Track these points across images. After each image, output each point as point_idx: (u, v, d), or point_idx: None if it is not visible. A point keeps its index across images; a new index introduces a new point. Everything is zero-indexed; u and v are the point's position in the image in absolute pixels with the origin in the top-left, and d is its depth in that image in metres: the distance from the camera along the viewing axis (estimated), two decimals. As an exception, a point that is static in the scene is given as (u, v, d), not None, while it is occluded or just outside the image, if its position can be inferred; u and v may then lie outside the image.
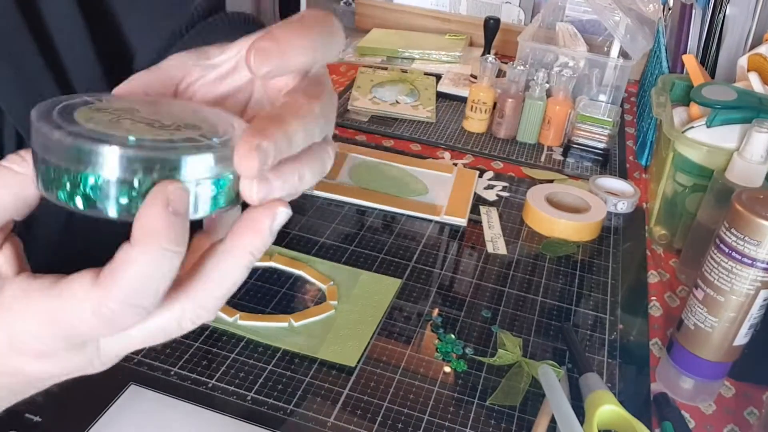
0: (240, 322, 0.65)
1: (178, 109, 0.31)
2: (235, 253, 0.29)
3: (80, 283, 0.28)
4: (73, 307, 0.28)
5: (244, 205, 0.29)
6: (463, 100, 1.24)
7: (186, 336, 0.63)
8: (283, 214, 0.29)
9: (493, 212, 0.91)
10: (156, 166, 0.26)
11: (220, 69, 0.35)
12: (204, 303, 0.29)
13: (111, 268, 0.27)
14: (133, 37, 0.60)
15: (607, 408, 0.56)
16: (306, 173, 0.30)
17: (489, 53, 1.35)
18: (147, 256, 0.26)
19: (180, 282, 0.29)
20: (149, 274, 0.26)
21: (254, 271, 0.73)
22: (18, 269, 0.31)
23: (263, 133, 0.27)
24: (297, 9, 1.68)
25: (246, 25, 0.62)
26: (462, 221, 0.87)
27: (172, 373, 0.59)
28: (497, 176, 1.02)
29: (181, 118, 0.29)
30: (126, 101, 0.31)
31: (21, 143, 0.55)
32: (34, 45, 0.53)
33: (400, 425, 0.56)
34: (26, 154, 0.29)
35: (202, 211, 0.28)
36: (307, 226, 0.83)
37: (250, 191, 0.28)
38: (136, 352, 0.60)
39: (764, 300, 0.56)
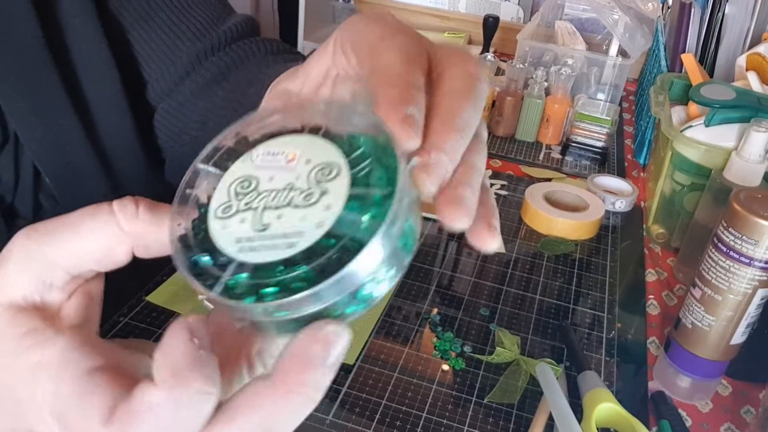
0: (239, 319, 0.65)
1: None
2: (278, 391, 0.23)
3: (101, 399, 0.24)
4: (86, 419, 0.24)
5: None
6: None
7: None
8: (342, 340, 0.23)
9: (492, 210, 0.91)
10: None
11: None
12: None
13: (128, 408, 0.23)
14: (150, 62, 0.60)
15: (604, 406, 0.56)
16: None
17: (488, 51, 1.35)
18: (174, 400, 0.22)
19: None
20: (174, 423, 0.22)
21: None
22: (81, 318, 0.28)
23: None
24: (296, 8, 1.67)
25: (282, 54, 0.62)
26: (460, 219, 0.87)
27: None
28: (496, 174, 1.02)
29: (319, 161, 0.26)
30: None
31: (38, 173, 0.55)
32: (57, 77, 0.53)
33: (398, 423, 0.56)
34: (146, 213, 0.26)
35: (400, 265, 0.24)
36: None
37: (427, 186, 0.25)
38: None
39: (761, 299, 0.56)
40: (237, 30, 0.62)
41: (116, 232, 0.26)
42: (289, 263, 0.23)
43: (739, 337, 0.58)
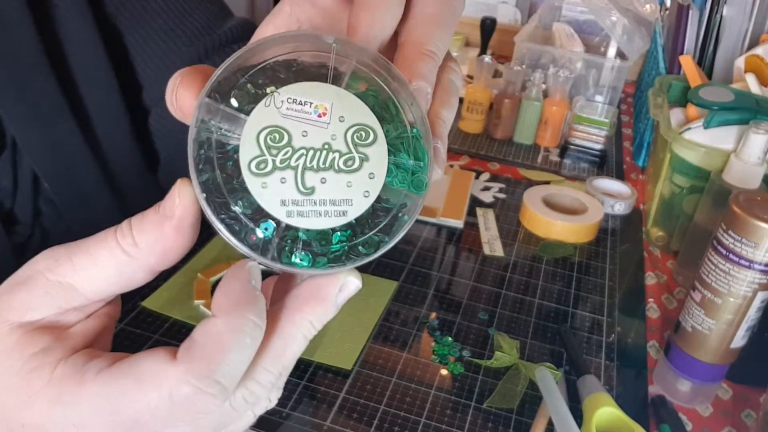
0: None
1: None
2: (296, 321, 0.27)
3: (154, 360, 0.25)
4: (142, 390, 0.24)
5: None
6: (459, 100, 1.23)
7: (180, 340, 0.62)
8: (353, 285, 0.27)
9: (490, 214, 0.91)
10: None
11: None
12: (259, 377, 0.27)
13: (191, 342, 0.25)
14: (146, 67, 0.60)
15: (605, 410, 0.55)
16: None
17: (485, 53, 1.35)
18: (233, 326, 0.25)
19: None
20: (235, 347, 0.24)
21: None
22: (86, 345, 0.27)
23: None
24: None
25: None
26: (458, 223, 0.87)
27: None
28: (494, 177, 1.01)
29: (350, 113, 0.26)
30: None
31: (37, 179, 0.55)
32: (55, 83, 0.53)
33: (396, 428, 0.56)
34: (138, 232, 0.26)
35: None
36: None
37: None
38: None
39: (761, 302, 0.56)
40: (234, 33, 0.62)
41: (126, 260, 0.26)
42: (345, 230, 0.26)
43: (739, 341, 0.58)
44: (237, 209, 0.25)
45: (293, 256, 0.25)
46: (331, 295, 0.27)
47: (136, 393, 0.24)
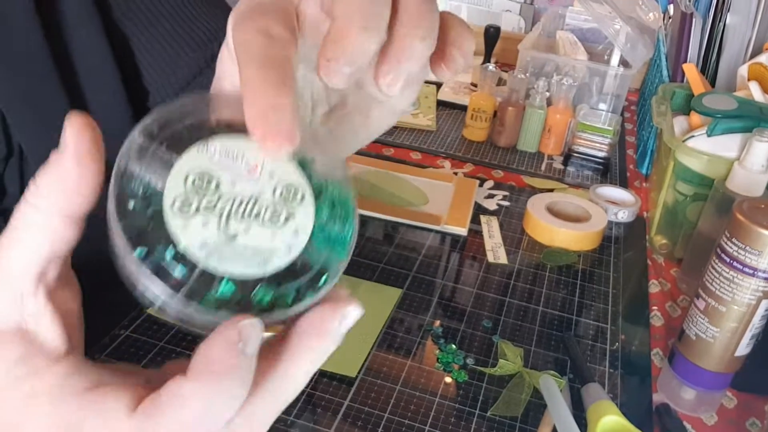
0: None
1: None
2: (296, 359, 0.25)
3: (116, 404, 0.24)
4: (105, 426, 0.24)
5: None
6: (463, 108, 1.24)
7: (186, 347, 0.62)
8: (354, 313, 0.26)
9: (494, 221, 0.91)
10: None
11: None
12: (259, 417, 0.25)
13: (157, 398, 0.23)
14: (152, 72, 0.60)
15: (609, 419, 0.55)
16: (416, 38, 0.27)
17: (489, 62, 1.36)
18: (203, 394, 0.23)
19: None
20: (199, 417, 0.23)
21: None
22: (67, 343, 0.26)
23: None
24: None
25: None
26: (462, 231, 0.87)
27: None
28: (497, 185, 1.02)
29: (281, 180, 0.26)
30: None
31: None
32: (62, 89, 0.53)
33: (400, 436, 0.56)
34: (42, 181, 0.25)
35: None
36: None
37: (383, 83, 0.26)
38: (136, 363, 0.60)
39: (766, 310, 0.56)
40: None
41: (34, 211, 0.25)
42: (270, 280, 0.25)
43: (743, 349, 0.58)
44: (156, 250, 0.24)
45: (205, 298, 0.24)
46: (334, 327, 0.25)
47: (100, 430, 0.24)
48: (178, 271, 0.24)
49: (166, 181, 0.24)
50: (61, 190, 0.24)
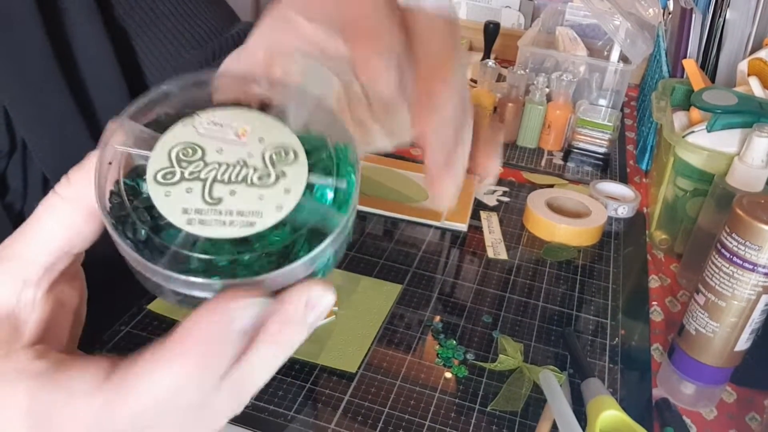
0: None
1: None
2: (259, 351, 0.24)
3: (95, 369, 0.23)
4: (69, 402, 0.23)
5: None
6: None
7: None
8: (323, 299, 0.24)
9: (494, 217, 0.91)
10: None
11: None
12: (214, 412, 0.24)
13: (131, 366, 0.23)
14: (154, 70, 0.60)
15: (609, 413, 0.56)
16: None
17: (489, 58, 1.35)
18: (184, 366, 0.22)
19: None
20: (180, 390, 0.22)
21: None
22: (39, 338, 0.26)
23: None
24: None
25: None
26: (462, 226, 0.87)
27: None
28: (498, 181, 1.02)
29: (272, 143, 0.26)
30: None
31: (46, 182, 0.55)
32: (64, 85, 0.53)
33: (401, 431, 0.56)
34: (73, 175, 0.26)
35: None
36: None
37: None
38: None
39: (765, 305, 0.56)
40: (241, 37, 0.62)
41: (60, 202, 0.25)
42: (251, 242, 0.24)
43: (743, 344, 0.58)
44: (138, 218, 0.24)
45: (190, 263, 0.23)
46: (296, 314, 0.23)
47: (66, 403, 0.23)
48: (162, 238, 0.24)
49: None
50: (91, 184, 0.25)
